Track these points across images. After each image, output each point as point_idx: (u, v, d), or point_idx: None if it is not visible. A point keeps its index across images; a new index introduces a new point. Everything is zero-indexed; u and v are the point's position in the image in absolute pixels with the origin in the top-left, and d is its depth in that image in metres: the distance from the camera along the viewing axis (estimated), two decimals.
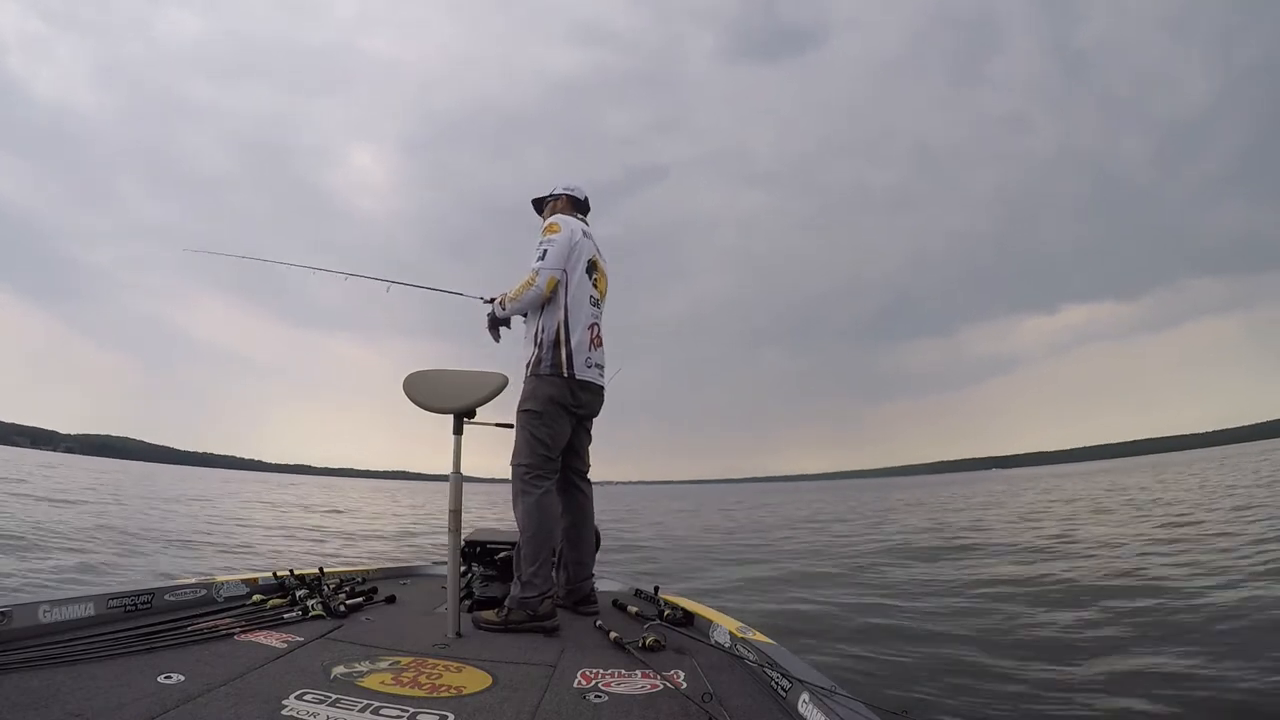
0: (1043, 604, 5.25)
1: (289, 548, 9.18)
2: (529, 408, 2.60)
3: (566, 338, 2.62)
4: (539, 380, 2.61)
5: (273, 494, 29.20)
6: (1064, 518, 12.76)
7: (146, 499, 17.33)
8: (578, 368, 2.62)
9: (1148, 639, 4.10)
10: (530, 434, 2.58)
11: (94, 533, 8.76)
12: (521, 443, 2.60)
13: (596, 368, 2.72)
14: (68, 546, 7.27)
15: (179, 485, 29.69)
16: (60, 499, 13.73)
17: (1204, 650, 3.72)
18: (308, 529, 12.28)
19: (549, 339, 2.62)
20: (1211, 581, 5.53)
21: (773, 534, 13.03)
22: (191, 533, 10.10)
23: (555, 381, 2.60)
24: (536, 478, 2.55)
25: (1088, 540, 8.96)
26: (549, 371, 2.60)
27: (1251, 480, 18.43)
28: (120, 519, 10.97)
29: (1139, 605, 4.95)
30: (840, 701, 1.39)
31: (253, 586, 2.59)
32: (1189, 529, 9.14)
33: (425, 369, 2.46)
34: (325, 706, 1.47)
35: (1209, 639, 4.00)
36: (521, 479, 2.55)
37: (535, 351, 2.63)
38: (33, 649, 1.64)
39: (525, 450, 2.57)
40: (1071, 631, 4.42)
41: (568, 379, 2.61)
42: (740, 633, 2.07)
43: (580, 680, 1.74)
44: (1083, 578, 6.25)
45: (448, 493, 2.32)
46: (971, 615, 5.02)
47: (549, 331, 2.62)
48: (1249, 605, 4.66)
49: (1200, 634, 4.12)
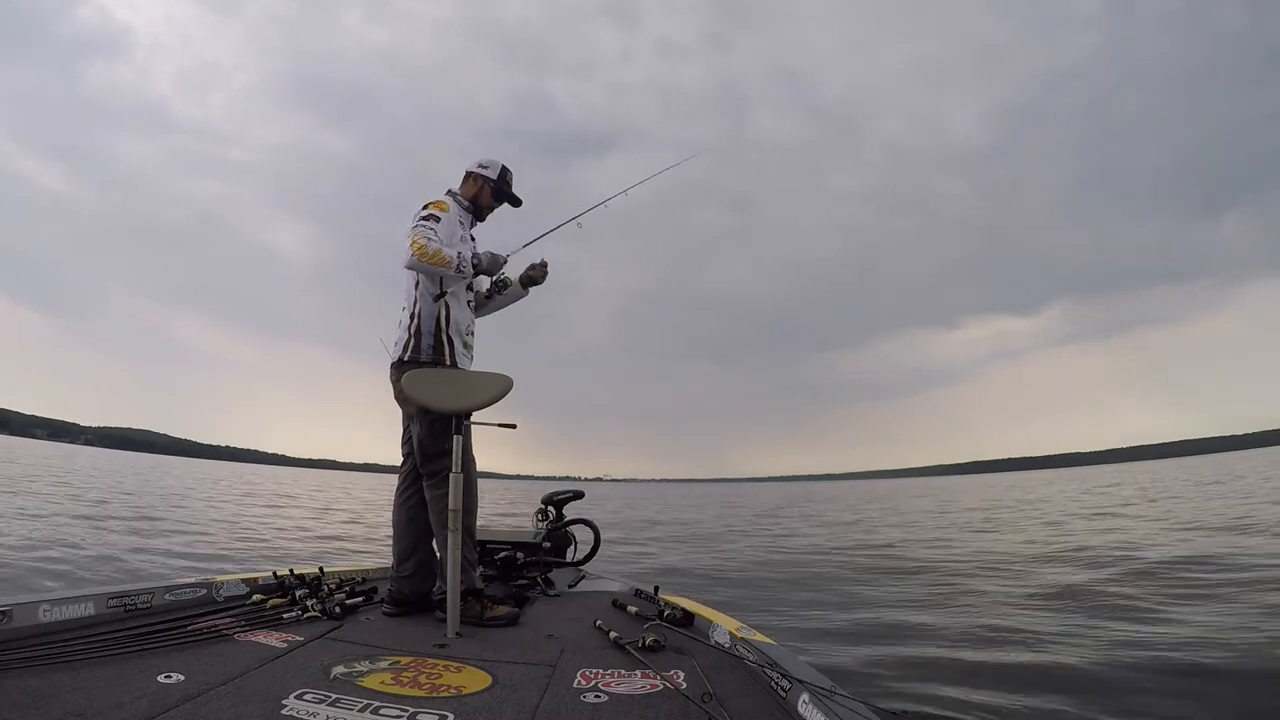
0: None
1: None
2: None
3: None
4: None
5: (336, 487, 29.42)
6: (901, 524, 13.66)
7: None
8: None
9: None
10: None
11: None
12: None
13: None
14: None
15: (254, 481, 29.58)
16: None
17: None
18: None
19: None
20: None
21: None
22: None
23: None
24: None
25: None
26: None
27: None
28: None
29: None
30: (840, 702, 1.38)
31: (253, 586, 2.59)
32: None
33: (429, 369, 2.46)
34: (325, 706, 1.47)
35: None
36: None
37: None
38: (33, 648, 1.64)
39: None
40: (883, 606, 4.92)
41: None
42: (740, 633, 2.06)
43: (580, 680, 1.74)
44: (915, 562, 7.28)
45: (450, 491, 2.32)
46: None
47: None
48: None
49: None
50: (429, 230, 2.54)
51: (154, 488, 18.55)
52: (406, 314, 2.66)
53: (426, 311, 2.62)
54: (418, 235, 2.51)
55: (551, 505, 3.78)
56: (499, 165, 2.85)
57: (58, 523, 8.34)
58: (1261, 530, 8.33)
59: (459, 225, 2.71)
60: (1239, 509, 11.46)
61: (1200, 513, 11.29)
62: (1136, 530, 9.40)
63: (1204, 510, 11.79)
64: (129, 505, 11.99)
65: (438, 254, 2.50)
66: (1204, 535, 8.24)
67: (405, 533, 2.66)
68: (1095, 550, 7.41)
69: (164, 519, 10.19)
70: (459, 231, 2.71)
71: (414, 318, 2.63)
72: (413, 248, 2.49)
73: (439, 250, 2.51)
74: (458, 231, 2.69)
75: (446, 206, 2.67)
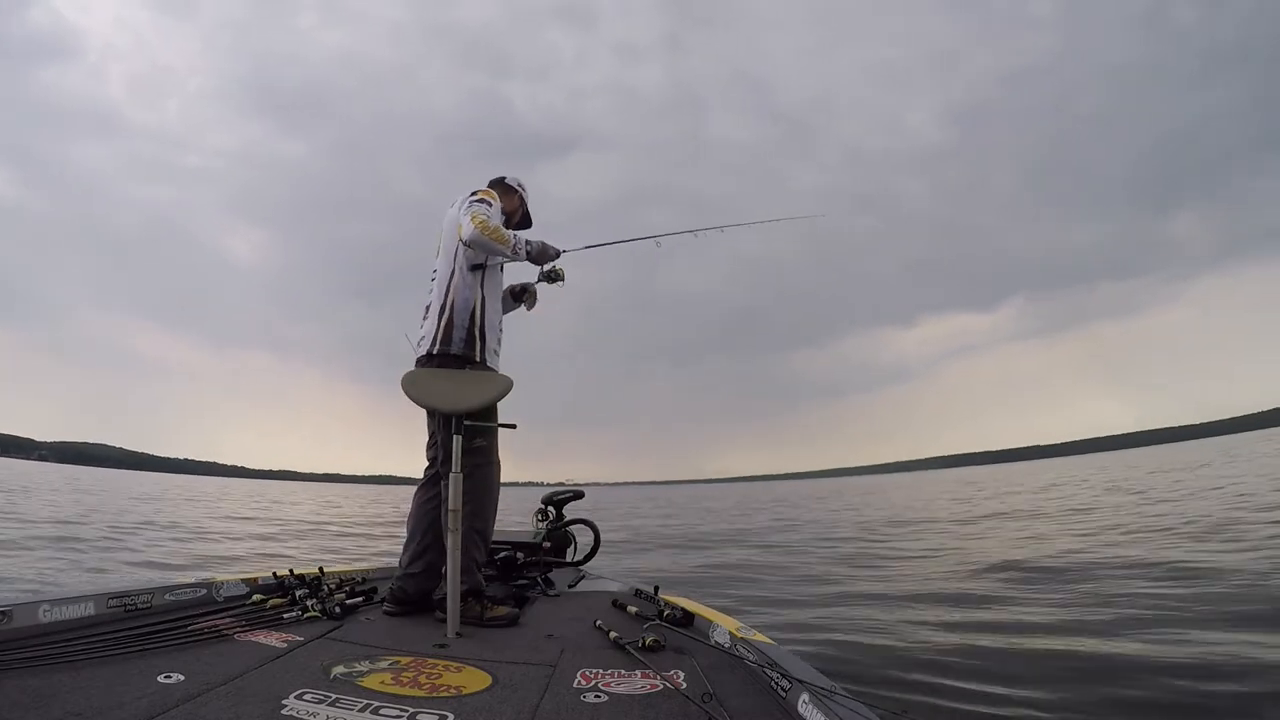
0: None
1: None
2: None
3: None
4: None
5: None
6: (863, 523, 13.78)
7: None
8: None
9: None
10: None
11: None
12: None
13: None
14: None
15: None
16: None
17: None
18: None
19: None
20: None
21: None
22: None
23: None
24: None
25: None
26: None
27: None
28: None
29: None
30: (840, 702, 1.38)
31: (252, 586, 2.59)
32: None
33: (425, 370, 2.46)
34: (325, 706, 1.47)
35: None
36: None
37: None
38: (33, 648, 1.64)
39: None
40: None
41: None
42: (740, 633, 2.06)
43: (580, 680, 1.74)
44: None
45: (451, 491, 2.31)
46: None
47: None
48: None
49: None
50: (487, 209, 2.50)
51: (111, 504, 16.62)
52: (436, 305, 2.56)
53: (461, 302, 2.54)
54: (478, 211, 2.45)
55: (551, 505, 3.78)
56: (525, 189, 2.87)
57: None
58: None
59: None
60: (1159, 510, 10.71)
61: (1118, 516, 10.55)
62: (998, 535, 9.21)
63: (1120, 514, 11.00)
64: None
65: (498, 231, 2.45)
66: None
67: (422, 533, 2.63)
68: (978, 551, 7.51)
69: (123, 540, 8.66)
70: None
71: (445, 309, 2.54)
72: (474, 221, 2.42)
73: (499, 227, 2.46)
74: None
75: (496, 197, 2.64)
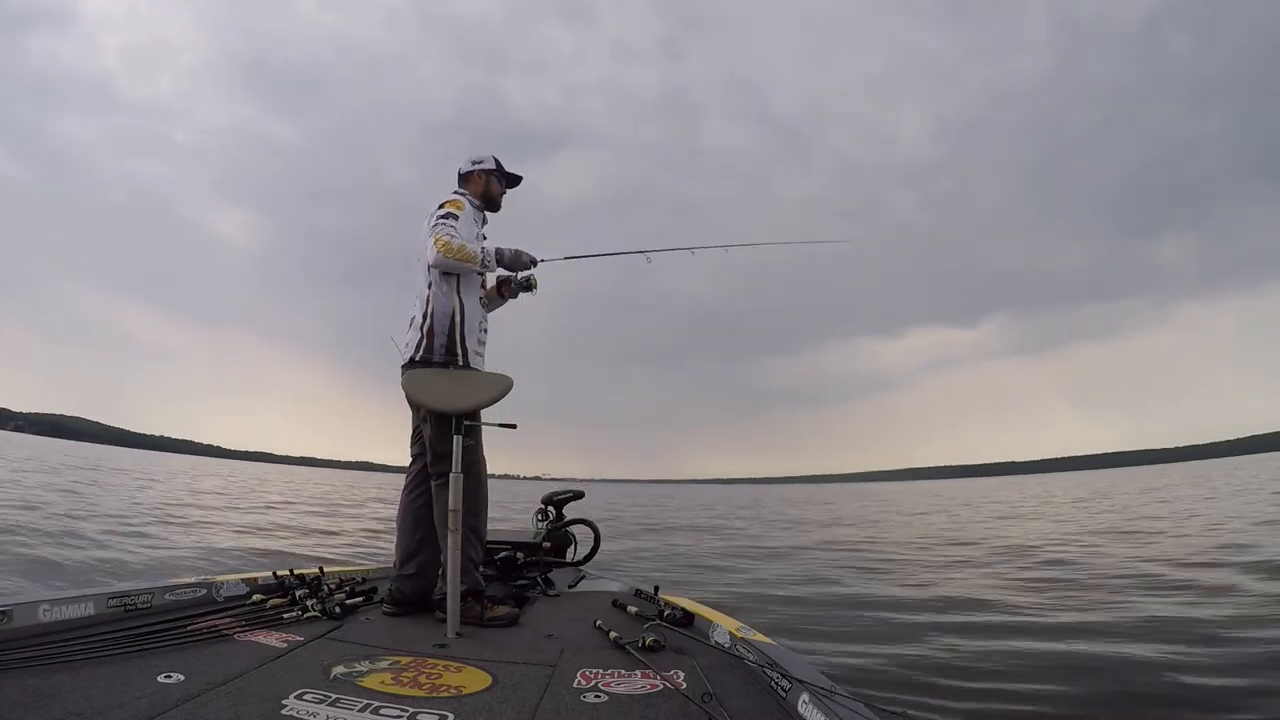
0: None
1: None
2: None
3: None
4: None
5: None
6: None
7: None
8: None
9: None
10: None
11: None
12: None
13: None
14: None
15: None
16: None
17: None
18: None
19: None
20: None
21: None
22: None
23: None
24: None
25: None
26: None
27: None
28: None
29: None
30: (840, 702, 1.38)
31: (253, 586, 2.59)
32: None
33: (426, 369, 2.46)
34: (325, 706, 1.47)
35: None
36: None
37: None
38: (33, 648, 1.64)
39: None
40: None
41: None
42: (740, 633, 2.06)
43: (580, 680, 1.74)
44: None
45: (450, 491, 2.32)
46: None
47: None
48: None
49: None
50: (450, 227, 2.54)
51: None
52: (419, 313, 2.63)
53: (440, 310, 2.60)
54: (440, 232, 2.52)
55: (551, 505, 3.78)
56: (491, 155, 2.87)
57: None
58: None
59: (474, 224, 2.72)
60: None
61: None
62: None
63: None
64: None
65: (463, 249, 2.52)
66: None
67: (410, 533, 2.64)
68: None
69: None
70: (475, 230, 2.72)
71: (426, 317, 2.60)
72: (437, 245, 2.49)
73: (463, 246, 2.53)
74: (474, 230, 2.71)
75: (462, 205, 2.68)
